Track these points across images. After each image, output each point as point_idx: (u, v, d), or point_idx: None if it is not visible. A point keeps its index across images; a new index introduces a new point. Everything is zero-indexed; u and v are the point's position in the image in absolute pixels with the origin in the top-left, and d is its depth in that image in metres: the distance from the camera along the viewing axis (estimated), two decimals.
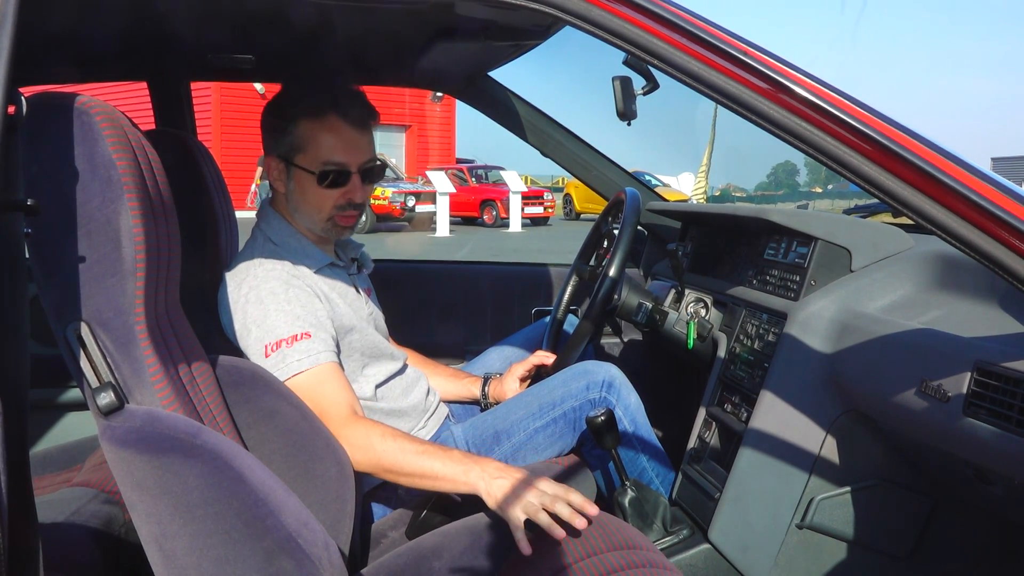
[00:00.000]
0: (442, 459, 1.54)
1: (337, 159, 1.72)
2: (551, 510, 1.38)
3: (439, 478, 1.54)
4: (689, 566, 1.81)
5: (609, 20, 1.07)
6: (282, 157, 1.76)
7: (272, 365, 1.61)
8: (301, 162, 1.73)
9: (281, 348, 1.62)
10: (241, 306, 1.67)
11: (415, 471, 1.55)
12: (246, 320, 1.66)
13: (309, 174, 1.73)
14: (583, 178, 2.79)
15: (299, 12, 1.68)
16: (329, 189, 1.73)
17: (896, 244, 1.81)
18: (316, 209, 1.76)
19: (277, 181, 1.78)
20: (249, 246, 1.77)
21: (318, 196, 1.74)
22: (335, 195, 1.74)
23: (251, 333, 1.65)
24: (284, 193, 1.79)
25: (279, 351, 1.62)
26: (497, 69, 2.50)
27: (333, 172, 1.72)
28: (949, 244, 1.02)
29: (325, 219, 1.77)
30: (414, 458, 1.56)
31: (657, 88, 1.87)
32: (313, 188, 1.74)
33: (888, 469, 1.73)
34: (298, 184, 1.75)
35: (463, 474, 1.51)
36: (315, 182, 1.73)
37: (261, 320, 1.64)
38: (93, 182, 1.06)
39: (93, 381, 1.09)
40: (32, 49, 1.85)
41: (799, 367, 1.77)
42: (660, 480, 2.02)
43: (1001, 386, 1.26)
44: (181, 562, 1.14)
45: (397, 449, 1.57)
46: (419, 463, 1.55)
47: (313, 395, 1.60)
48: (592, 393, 1.91)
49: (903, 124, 1.02)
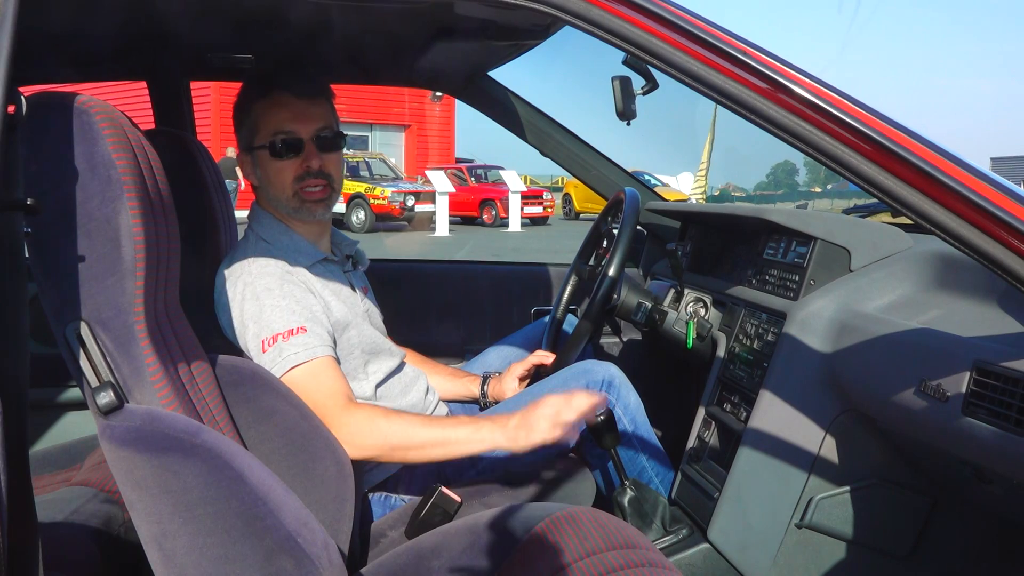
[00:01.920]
0: (451, 425, 1.60)
1: (286, 128, 1.74)
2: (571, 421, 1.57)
3: (452, 443, 1.58)
4: (688, 565, 1.81)
5: (608, 20, 1.07)
6: (245, 148, 1.79)
7: (270, 360, 1.62)
8: (258, 142, 1.76)
9: (277, 343, 1.63)
10: (237, 303, 1.68)
11: (426, 441, 1.58)
12: (243, 317, 1.66)
13: (264, 150, 1.75)
14: (582, 178, 2.79)
15: (298, 11, 1.68)
16: (283, 160, 1.74)
17: (895, 244, 1.81)
18: (280, 187, 1.77)
19: (250, 175, 1.81)
20: (242, 245, 1.78)
21: (276, 171, 1.75)
22: (291, 165, 1.75)
23: (248, 329, 1.65)
24: (256, 186, 1.81)
25: (275, 345, 1.62)
26: (496, 69, 2.51)
27: (283, 141, 1.73)
28: (948, 244, 1.02)
29: (291, 195, 1.77)
30: (422, 430, 1.59)
31: (656, 88, 1.87)
32: (270, 163, 1.75)
33: (887, 469, 1.73)
34: (262, 168, 1.77)
35: (475, 432, 1.57)
36: (269, 156, 1.74)
37: (257, 316, 1.65)
38: (93, 181, 1.06)
39: (93, 380, 1.09)
40: (32, 48, 1.85)
41: (798, 367, 1.77)
42: (660, 480, 2.02)
43: (1000, 386, 1.26)
44: (180, 561, 1.14)
45: (403, 424, 1.60)
46: (428, 433, 1.59)
47: (311, 388, 1.61)
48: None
49: (902, 124, 1.02)
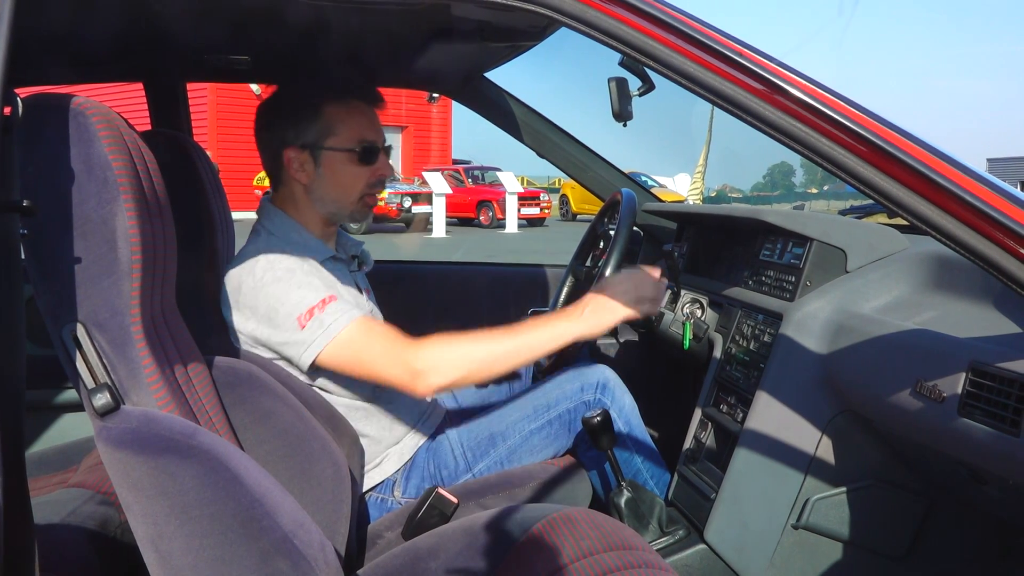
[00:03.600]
0: (523, 330, 1.67)
1: (369, 137, 1.79)
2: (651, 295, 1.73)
3: (531, 346, 1.66)
4: (685, 567, 1.81)
5: (604, 21, 1.07)
6: (307, 145, 1.77)
7: (311, 333, 1.61)
8: (334, 144, 1.77)
9: (315, 315, 1.62)
10: (261, 289, 1.65)
11: (507, 350, 1.65)
12: (269, 301, 1.64)
13: (345, 153, 1.77)
14: (579, 179, 2.79)
15: (294, 12, 1.68)
16: (364, 166, 1.79)
17: (891, 245, 1.81)
18: (347, 191, 1.79)
19: (299, 172, 1.78)
20: (252, 241, 1.77)
21: (352, 176, 1.79)
22: (368, 172, 1.80)
23: (278, 312, 1.63)
24: (306, 184, 1.79)
25: (314, 318, 1.61)
26: (493, 70, 2.51)
27: (366, 148, 1.78)
28: (944, 245, 1.02)
29: (356, 200, 1.81)
30: (497, 341, 1.65)
31: (653, 89, 1.87)
32: (348, 168, 1.78)
33: (883, 469, 1.73)
34: (328, 169, 1.78)
35: (550, 330, 1.67)
36: (350, 160, 1.78)
37: (285, 296, 1.63)
38: (89, 183, 1.06)
39: (89, 382, 1.09)
40: (28, 50, 1.85)
41: (795, 368, 1.77)
42: (655, 482, 2.03)
43: (996, 386, 1.26)
44: (177, 563, 1.13)
45: (476, 341, 1.64)
46: (505, 343, 1.65)
47: (365, 344, 1.62)
48: (587, 395, 1.92)
49: (898, 125, 1.03)
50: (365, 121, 1.79)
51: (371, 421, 1.81)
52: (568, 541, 1.36)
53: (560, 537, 1.36)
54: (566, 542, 1.36)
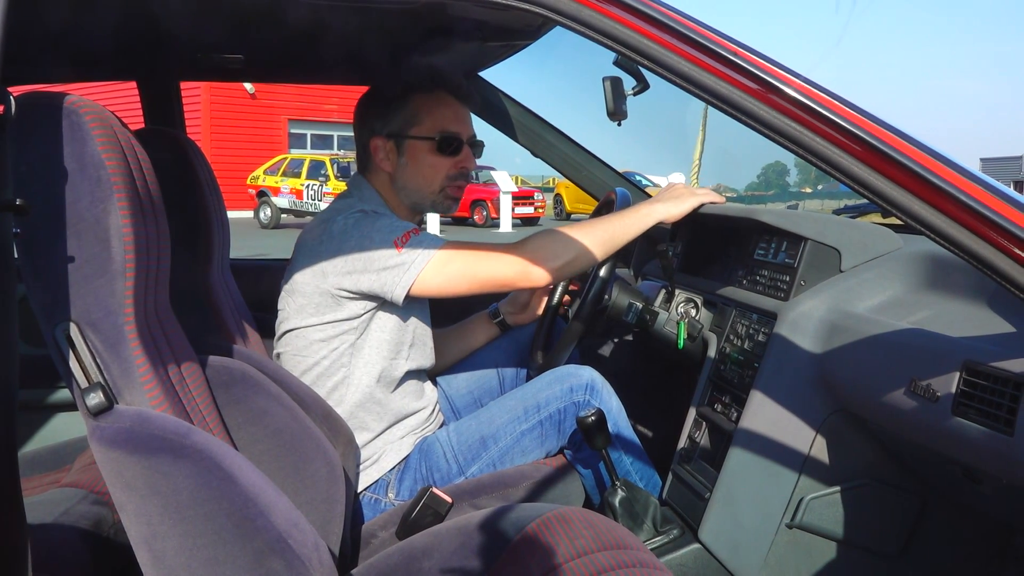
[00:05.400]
0: (609, 219, 1.81)
1: (452, 128, 1.83)
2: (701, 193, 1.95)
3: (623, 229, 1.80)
4: (679, 566, 1.81)
5: (599, 20, 1.07)
6: (392, 134, 1.83)
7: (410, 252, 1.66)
8: (417, 133, 1.82)
9: (411, 237, 1.67)
10: (349, 231, 1.70)
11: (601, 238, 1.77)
12: (361, 238, 1.68)
13: (426, 141, 1.81)
14: (573, 178, 2.79)
15: (288, 11, 1.68)
16: (445, 157, 1.83)
17: (885, 244, 1.82)
18: (428, 180, 1.84)
19: (384, 161, 1.84)
20: (334, 207, 1.80)
21: (433, 166, 1.83)
22: (449, 163, 1.84)
23: (373, 240, 1.67)
24: (391, 172, 1.84)
25: (410, 240, 1.67)
26: (488, 69, 2.50)
27: (448, 139, 1.82)
28: (938, 244, 1.02)
29: (437, 190, 1.85)
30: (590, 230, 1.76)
31: (647, 88, 1.88)
32: (429, 158, 1.82)
33: (878, 469, 1.73)
34: (411, 158, 1.83)
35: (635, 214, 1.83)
36: (431, 150, 1.82)
37: (376, 229, 1.69)
38: (82, 182, 1.06)
39: (82, 381, 1.09)
40: (21, 48, 1.85)
41: (789, 367, 1.77)
42: (644, 483, 2.02)
43: (989, 386, 1.27)
44: (170, 563, 1.13)
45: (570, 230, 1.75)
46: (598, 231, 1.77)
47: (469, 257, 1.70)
48: (576, 395, 1.92)
49: (892, 125, 1.03)
50: (449, 113, 1.83)
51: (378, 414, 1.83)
52: (563, 540, 1.36)
53: (555, 536, 1.36)
54: (561, 541, 1.36)
